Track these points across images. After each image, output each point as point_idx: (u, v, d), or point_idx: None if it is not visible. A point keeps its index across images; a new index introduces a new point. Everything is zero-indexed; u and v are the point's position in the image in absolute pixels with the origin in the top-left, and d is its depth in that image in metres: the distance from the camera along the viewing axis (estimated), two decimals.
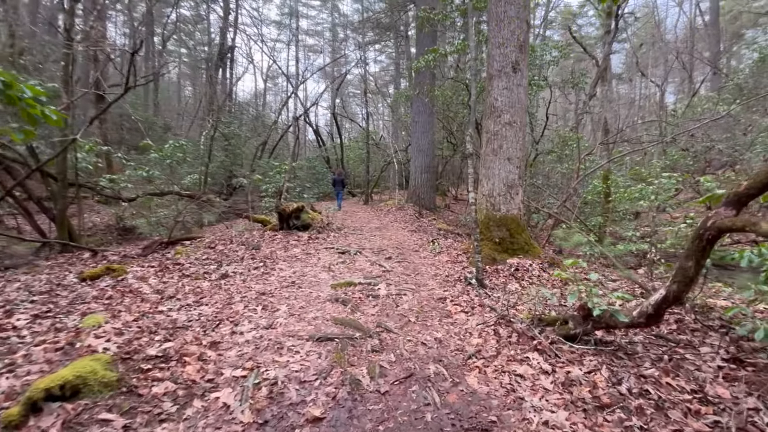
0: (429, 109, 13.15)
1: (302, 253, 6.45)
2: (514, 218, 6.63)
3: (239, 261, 5.91)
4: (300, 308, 4.20)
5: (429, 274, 5.65)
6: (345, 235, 8.10)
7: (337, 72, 29.04)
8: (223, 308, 4.18)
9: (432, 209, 13.55)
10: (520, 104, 6.60)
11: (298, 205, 7.69)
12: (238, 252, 6.50)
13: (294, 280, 5.09)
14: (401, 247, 7.38)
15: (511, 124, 6.53)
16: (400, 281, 5.17)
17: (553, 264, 6.39)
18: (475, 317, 4.07)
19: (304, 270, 5.51)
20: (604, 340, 3.58)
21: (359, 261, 6.06)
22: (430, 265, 6.12)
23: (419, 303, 4.44)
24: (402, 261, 6.25)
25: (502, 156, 6.55)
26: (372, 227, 9.63)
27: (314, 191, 21.08)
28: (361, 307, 4.25)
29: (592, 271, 4.24)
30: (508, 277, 5.80)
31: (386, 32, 32.34)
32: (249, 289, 4.77)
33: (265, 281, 5.05)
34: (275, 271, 5.46)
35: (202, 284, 4.88)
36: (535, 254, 6.59)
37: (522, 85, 6.62)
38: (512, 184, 6.59)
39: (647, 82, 30.38)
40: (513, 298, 4.82)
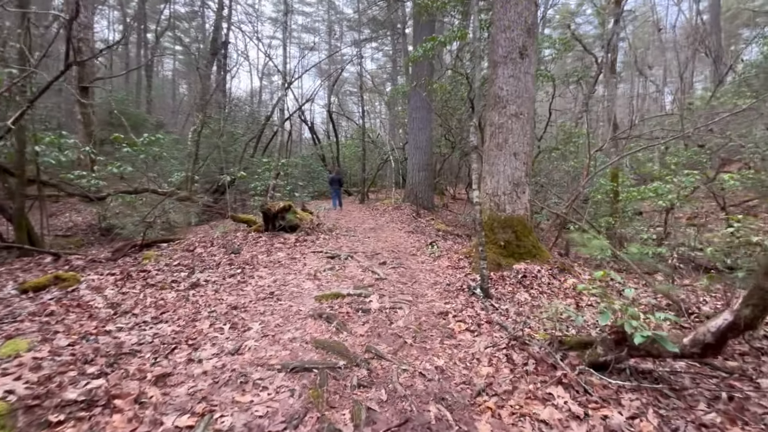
0: (427, 104, 12.49)
1: (287, 257, 5.77)
2: (520, 219, 5.98)
3: (214, 267, 5.23)
4: (276, 327, 3.53)
5: (428, 282, 4.99)
6: (336, 237, 7.43)
7: (334, 70, 28.29)
8: (185, 326, 3.50)
9: (430, 209, 12.89)
10: (528, 94, 5.95)
11: (284, 204, 7.01)
12: (215, 256, 5.82)
13: (273, 290, 4.42)
14: (397, 251, 6.72)
15: (517, 116, 5.88)
16: (395, 291, 4.50)
17: (564, 270, 5.74)
18: (483, 337, 3.41)
19: (286, 278, 4.84)
20: (639, 368, 2.94)
21: (350, 267, 5.39)
22: (428, 272, 5.46)
23: (417, 319, 3.77)
24: (398, 267, 5.58)
25: (508, 151, 5.90)
26: (366, 228, 8.96)
27: (309, 190, 20.39)
28: (349, 325, 3.58)
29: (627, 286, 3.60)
30: (515, 285, 5.15)
31: (383, 29, 31.69)
32: (220, 301, 4.09)
33: (240, 292, 4.37)
34: (253, 280, 4.79)
35: (167, 295, 4.20)
36: (544, 259, 5.94)
37: (530, 72, 5.96)
38: (518, 181, 5.94)
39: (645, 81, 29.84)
40: (524, 311, 4.16)
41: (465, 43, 8.70)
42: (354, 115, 34.03)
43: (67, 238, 10.10)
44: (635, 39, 28.92)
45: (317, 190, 20.67)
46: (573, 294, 5.03)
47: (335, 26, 34.25)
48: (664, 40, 26.87)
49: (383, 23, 31.54)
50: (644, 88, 31.21)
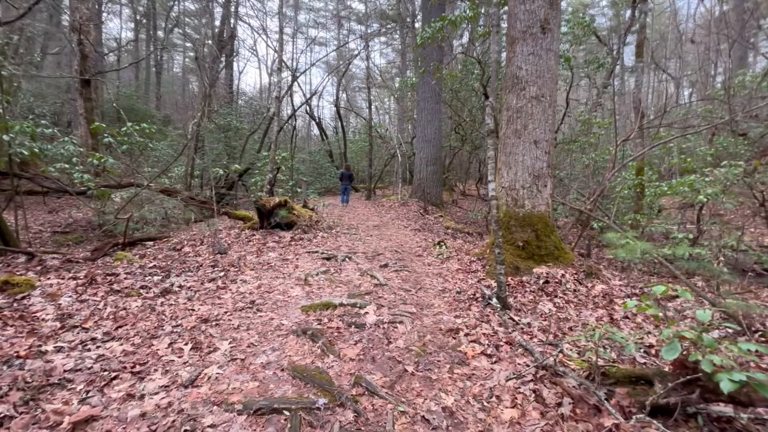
0: (436, 95, 11.71)
1: (278, 258, 5.11)
2: (541, 216, 5.22)
3: (194, 270, 4.59)
4: (249, 347, 2.86)
5: (435, 288, 4.28)
6: (336, 236, 6.75)
7: (342, 64, 27.55)
8: (140, 346, 2.86)
9: (438, 205, 12.15)
10: (550, 73, 5.17)
11: (279, 200, 6.36)
12: (200, 257, 5.18)
13: (255, 298, 3.76)
14: (401, 251, 6.02)
15: (538, 99, 5.11)
16: (396, 301, 3.80)
17: (591, 274, 4.98)
18: (504, 365, 2.69)
19: (272, 283, 4.17)
20: (711, 414, 2.20)
21: (347, 270, 4.70)
22: (436, 276, 4.75)
23: (421, 337, 3.07)
24: (401, 270, 4.88)
25: (527, 138, 5.14)
26: (370, 225, 8.27)
27: (316, 186, 19.77)
28: (338, 345, 2.90)
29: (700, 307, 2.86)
30: (536, 292, 4.42)
31: (392, 22, 30.88)
32: (190, 312, 3.44)
33: (217, 300, 3.72)
34: (235, 285, 4.13)
35: (130, 304, 3.57)
36: (568, 261, 5.19)
37: (552, 49, 5.18)
38: (539, 173, 5.18)
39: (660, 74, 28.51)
40: (550, 327, 3.43)
41: (477, 25, 7.90)
42: (363, 111, 33.32)
43: (65, 235, 9.62)
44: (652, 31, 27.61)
45: (324, 186, 20.04)
46: (604, 304, 4.28)
47: (344, 21, 33.51)
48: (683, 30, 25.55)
49: (392, 17, 30.76)
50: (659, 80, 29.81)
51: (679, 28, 25.74)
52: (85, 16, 14.61)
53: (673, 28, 26.68)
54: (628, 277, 5.55)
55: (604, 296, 4.51)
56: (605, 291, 4.64)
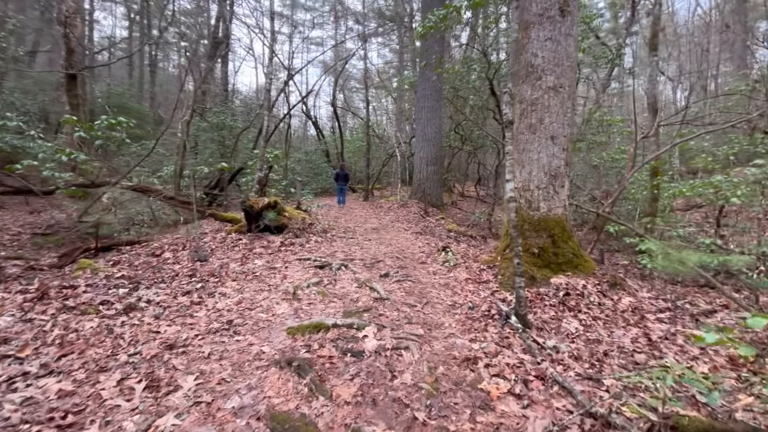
0: (436, 91, 11.15)
1: (264, 267, 4.51)
2: (558, 220, 4.66)
3: (169, 281, 3.99)
4: (220, 383, 2.28)
5: (443, 303, 3.71)
6: (331, 240, 6.16)
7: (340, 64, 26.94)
8: (82, 383, 2.27)
9: (439, 207, 11.58)
10: (570, 61, 4.62)
11: (269, 200, 5.76)
12: (178, 264, 4.58)
13: (233, 317, 3.16)
14: (403, 257, 5.44)
15: (556, 90, 4.55)
16: (399, 319, 3.22)
17: (615, 284, 4.42)
18: (539, 410, 2.12)
19: (255, 298, 3.58)
20: None
21: (342, 281, 4.12)
22: (443, 287, 4.17)
23: (431, 369, 2.50)
24: (403, 280, 4.30)
25: (543, 134, 4.58)
26: (368, 228, 7.68)
27: (312, 186, 19.16)
28: (330, 382, 2.31)
29: None
30: (557, 306, 3.85)
31: (390, 22, 30.39)
32: (154, 335, 2.85)
33: (188, 319, 3.12)
34: (212, 299, 3.54)
35: (85, 325, 2.97)
36: (588, 270, 4.63)
37: (572, 34, 4.63)
38: (556, 172, 4.62)
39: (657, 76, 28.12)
40: (579, 350, 2.87)
41: (480, 17, 7.33)
42: (360, 111, 32.74)
43: (46, 237, 8.99)
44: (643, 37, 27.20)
45: (320, 187, 19.43)
46: (635, 321, 3.72)
47: (341, 20, 32.96)
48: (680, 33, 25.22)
49: (390, 17, 30.26)
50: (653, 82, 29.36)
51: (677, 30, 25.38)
52: (72, 9, 13.94)
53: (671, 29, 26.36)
54: (653, 287, 5.00)
55: (633, 311, 3.95)
56: (633, 305, 4.09)
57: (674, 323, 3.78)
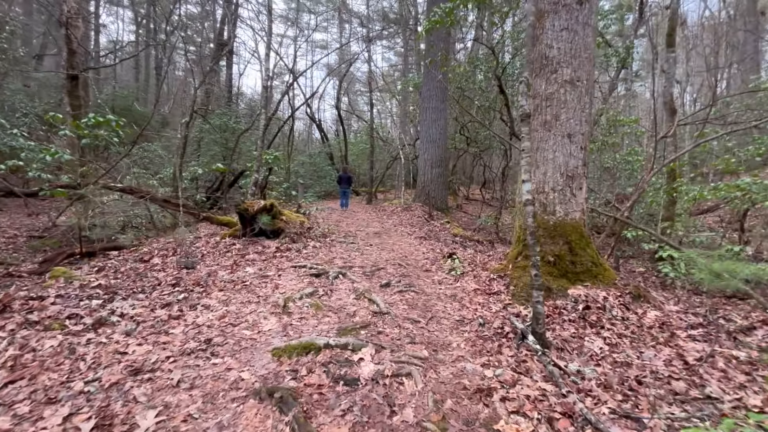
0: (441, 91, 10.77)
1: (255, 275, 4.13)
2: (575, 225, 4.25)
3: (149, 290, 3.62)
4: (186, 420, 1.89)
5: (450, 318, 3.30)
6: (330, 245, 5.78)
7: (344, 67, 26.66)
8: (23, 419, 1.90)
9: (443, 210, 11.17)
10: (588, 53, 4.22)
11: (265, 203, 5.40)
12: (163, 272, 4.22)
13: (214, 334, 2.78)
14: (406, 264, 5.04)
15: (573, 83, 4.15)
16: (401, 337, 2.83)
17: (639, 296, 3.99)
18: None
19: (241, 311, 3.20)
20: None
21: (339, 291, 3.73)
22: (449, 299, 3.77)
23: (438, 403, 2.10)
24: (406, 290, 3.90)
25: (559, 131, 4.18)
26: (370, 232, 7.29)
27: (315, 189, 18.82)
28: (317, 418, 1.93)
29: None
30: (577, 322, 3.44)
31: (394, 25, 30.18)
32: (120, 356, 2.47)
33: (163, 336, 2.75)
34: (194, 312, 3.16)
35: (45, 344, 2.60)
36: (608, 280, 4.20)
37: (590, 24, 4.23)
38: (574, 173, 4.21)
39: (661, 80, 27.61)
40: (608, 376, 2.46)
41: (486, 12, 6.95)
42: (365, 114, 32.49)
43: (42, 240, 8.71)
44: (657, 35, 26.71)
45: (324, 190, 19.09)
46: (665, 339, 3.30)
47: (345, 23, 32.78)
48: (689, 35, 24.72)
49: (394, 20, 30.05)
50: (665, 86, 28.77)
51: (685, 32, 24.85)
52: (73, 10, 13.74)
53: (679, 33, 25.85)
54: (677, 298, 4.56)
55: (661, 327, 3.53)
56: (661, 319, 3.66)
57: (709, 342, 3.35)
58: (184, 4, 29.71)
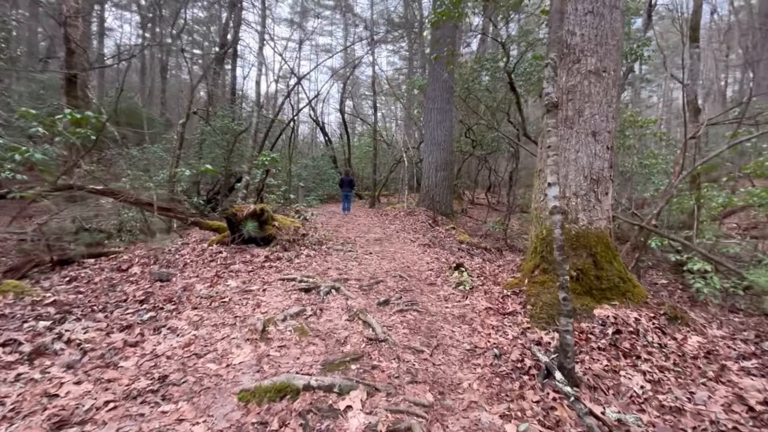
0: (447, 91, 10.26)
1: (237, 290, 3.62)
2: (600, 235, 3.70)
3: (112, 308, 3.11)
4: None
5: (460, 346, 2.76)
6: (325, 254, 5.25)
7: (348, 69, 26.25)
8: None
9: (448, 215, 10.62)
10: (615, 39, 3.69)
11: (255, 208, 4.90)
12: (133, 286, 3.72)
13: (172, 369, 2.27)
14: (408, 276, 4.51)
15: (598, 74, 3.62)
16: (400, 375, 2.29)
17: (676, 318, 3.43)
18: None
19: (213, 335, 2.68)
20: None
21: (330, 311, 3.20)
22: (457, 320, 3.23)
23: None
24: (408, 309, 3.36)
25: (583, 128, 3.64)
26: (370, 239, 6.77)
27: (318, 192, 18.33)
28: None
29: None
30: (608, 350, 2.89)
31: (399, 29, 29.84)
32: (48, 401, 1.96)
33: (109, 372, 2.24)
34: (157, 337, 2.65)
35: None
36: (638, 298, 3.65)
37: (618, 6, 3.71)
38: (599, 176, 3.67)
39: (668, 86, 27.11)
40: (657, 428, 1.91)
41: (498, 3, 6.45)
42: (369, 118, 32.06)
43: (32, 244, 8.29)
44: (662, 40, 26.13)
45: (327, 193, 18.60)
46: (715, 373, 2.74)
47: (350, 27, 32.49)
48: None
49: (399, 24, 29.71)
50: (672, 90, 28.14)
51: None
52: (72, 10, 13.43)
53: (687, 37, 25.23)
54: (719, 320, 3.99)
55: (707, 357, 2.97)
56: (705, 347, 3.10)
57: None
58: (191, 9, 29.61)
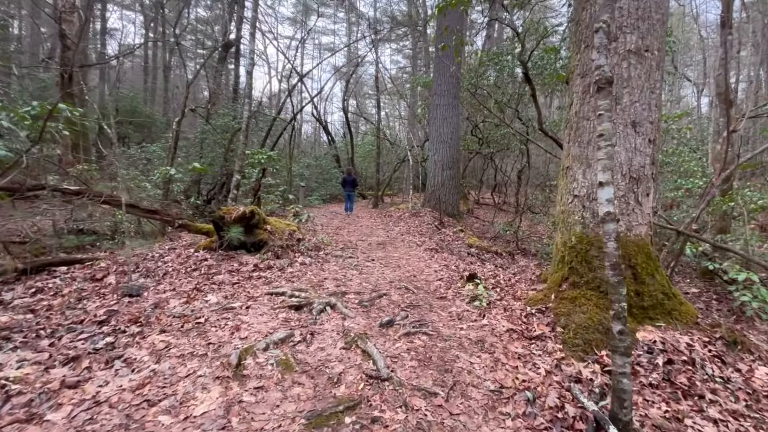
0: (453, 87, 9.68)
1: (217, 307, 3.08)
2: (641, 244, 3.13)
3: (64, 331, 2.59)
4: None
5: (481, 386, 2.20)
6: (323, 261, 4.71)
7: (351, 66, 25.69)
8: None
9: (455, 216, 10.04)
10: (660, 12, 3.11)
11: (244, 210, 4.36)
12: (97, 302, 3.20)
13: (110, 424, 1.73)
14: (415, 287, 3.96)
15: (639, 55, 3.05)
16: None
17: (735, 342, 2.85)
18: None
19: (175, 371, 2.14)
20: None
21: (323, 335, 2.65)
22: (475, 346, 2.67)
23: None
24: (416, 331, 2.81)
25: (621, 119, 3.07)
26: (373, 243, 6.22)
27: (320, 192, 17.81)
28: None
29: None
30: (662, 387, 2.33)
31: (403, 27, 29.31)
32: None
33: (29, 429, 1.69)
34: (106, 373, 2.12)
35: None
36: (687, 318, 3.08)
37: None
38: (639, 174, 3.10)
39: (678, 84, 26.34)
40: None
41: None
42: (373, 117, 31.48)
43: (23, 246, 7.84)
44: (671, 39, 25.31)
45: (329, 193, 18.08)
46: None
47: (354, 27, 31.98)
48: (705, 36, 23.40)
49: (403, 22, 29.17)
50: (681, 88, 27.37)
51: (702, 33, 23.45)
52: (68, 5, 12.97)
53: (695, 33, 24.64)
54: None
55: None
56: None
57: None
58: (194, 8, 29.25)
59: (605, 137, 1.83)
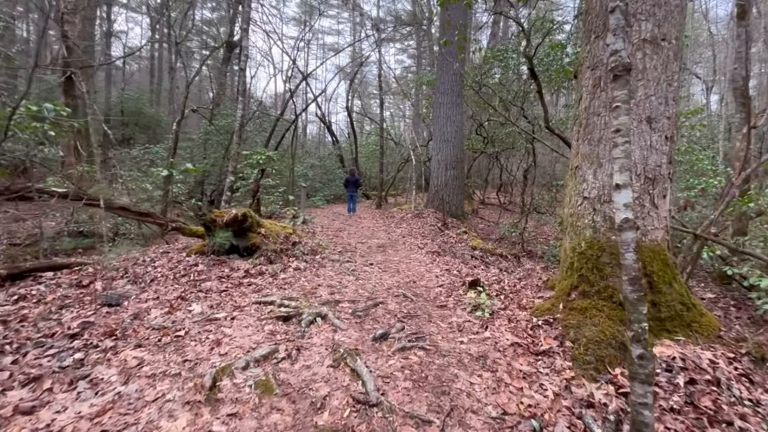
0: (457, 84, 9.42)
1: (200, 318, 2.87)
2: (657, 250, 2.87)
3: (31, 346, 2.40)
4: None
5: (482, 411, 1.96)
6: (318, 265, 4.49)
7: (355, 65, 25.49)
8: None
9: (459, 217, 9.78)
10: (677, 0, 2.84)
11: (236, 213, 4.17)
12: (73, 312, 3.01)
13: None
14: (414, 293, 3.73)
15: (655, 44, 2.79)
16: None
17: (763, 359, 2.58)
18: None
19: (142, 395, 1.93)
20: None
21: (310, 351, 2.43)
22: (476, 363, 2.43)
23: None
24: (412, 346, 2.58)
25: (635, 114, 2.81)
26: (373, 246, 5.99)
27: (324, 193, 17.64)
28: None
29: None
30: (684, 412, 2.08)
31: (407, 26, 29.08)
32: None
33: None
34: (66, 397, 1.92)
35: None
36: (708, 330, 2.81)
37: None
38: (655, 174, 2.84)
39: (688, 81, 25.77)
40: None
41: None
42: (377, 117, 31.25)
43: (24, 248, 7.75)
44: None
45: (333, 193, 17.90)
46: None
47: (358, 27, 31.77)
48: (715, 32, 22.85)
49: (407, 21, 28.95)
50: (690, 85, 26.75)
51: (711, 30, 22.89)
52: (70, 6, 12.92)
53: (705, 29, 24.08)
54: None
55: None
56: None
57: None
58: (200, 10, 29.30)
59: (622, 133, 1.58)
